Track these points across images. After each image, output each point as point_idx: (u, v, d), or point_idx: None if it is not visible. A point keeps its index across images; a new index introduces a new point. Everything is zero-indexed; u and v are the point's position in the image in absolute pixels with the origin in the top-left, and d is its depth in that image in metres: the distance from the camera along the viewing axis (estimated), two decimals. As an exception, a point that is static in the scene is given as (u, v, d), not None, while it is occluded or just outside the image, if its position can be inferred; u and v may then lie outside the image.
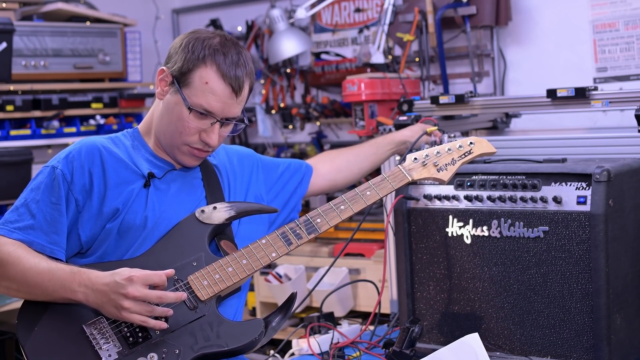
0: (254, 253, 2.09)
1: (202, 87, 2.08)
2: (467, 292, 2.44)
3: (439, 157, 2.25)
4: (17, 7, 4.38)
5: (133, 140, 2.22)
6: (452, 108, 3.04)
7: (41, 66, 4.29)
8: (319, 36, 4.53)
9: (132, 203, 2.11)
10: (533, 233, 2.31)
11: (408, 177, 2.23)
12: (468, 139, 2.29)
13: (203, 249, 2.10)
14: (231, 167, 2.34)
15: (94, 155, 2.12)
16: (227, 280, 2.06)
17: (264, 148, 4.94)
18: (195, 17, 5.29)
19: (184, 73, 2.10)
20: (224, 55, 2.09)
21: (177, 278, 2.05)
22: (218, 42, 2.11)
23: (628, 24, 3.52)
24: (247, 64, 2.14)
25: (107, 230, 2.09)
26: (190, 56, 2.09)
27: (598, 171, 2.20)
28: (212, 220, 2.13)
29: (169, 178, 2.18)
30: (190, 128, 2.11)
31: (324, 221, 2.14)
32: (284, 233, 2.12)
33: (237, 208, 2.16)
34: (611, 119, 3.42)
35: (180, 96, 2.10)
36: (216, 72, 2.08)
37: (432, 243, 2.50)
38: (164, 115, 2.15)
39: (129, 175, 2.14)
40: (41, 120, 4.32)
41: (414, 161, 2.24)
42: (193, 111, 2.09)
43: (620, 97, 2.76)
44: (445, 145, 2.27)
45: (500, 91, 3.90)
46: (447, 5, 3.80)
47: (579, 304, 2.25)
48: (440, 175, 2.24)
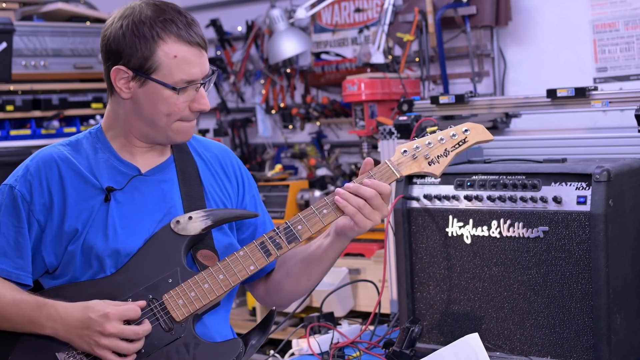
0: (231, 267, 1.97)
1: (173, 62, 1.93)
2: (467, 292, 2.44)
3: (430, 149, 2.03)
4: (17, 7, 4.38)
5: (96, 143, 2.06)
6: (452, 108, 3.04)
7: (41, 66, 4.29)
8: (319, 36, 4.53)
9: (92, 222, 1.97)
10: (533, 233, 2.31)
11: (396, 173, 2.01)
12: (462, 126, 2.06)
13: (179, 263, 1.98)
14: (218, 166, 2.18)
15: (52, 170, 1.99)
16: (203, 299, 1.94)
17: (264, 148, 4.94)
18: (195, 17, 5.28)
19: (145, 60, 1.93)
20: (172, 21, 1.94)
21: (152, 297, 1.94)
22: (153, 10, 1.95)
23: (628, 24, 3.52)
24: (189, 15, 2.00)
25: (70, 252, 1.97)
26: (141, 41, 1.92)
27: (598, 171, 2.20)
28: (188, 232, 1.99)
29: (133, 186, 2.02)
30: (180, 105, 1.96)
31: (305, 228, 1.98)
32: (263, 243, 1.98)
33: (214, 217, 2.01)
34: (611, 119, 3.42)
35: (157, 83, 1.94)
36: (177, 41, 1.93)
37: (432, 243, 2.50)
38: (142, 109, 1.98)
39: (88, 190, 1.99)
40: (41, 120, 4.32)
41: (403, 154, 2.03)
42: (180, 89, 1.94)
43: (620, 97, 2.76)
44: (438, 134, 2.05)
45: (500, 91, 3.90)
46: (447, 5, 3.80)
47: (579, 304, 2.25)
48: (432, 169, 2.02)
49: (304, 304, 2.96)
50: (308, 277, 2.13)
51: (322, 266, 2.10)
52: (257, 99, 4.94)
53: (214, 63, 5.01)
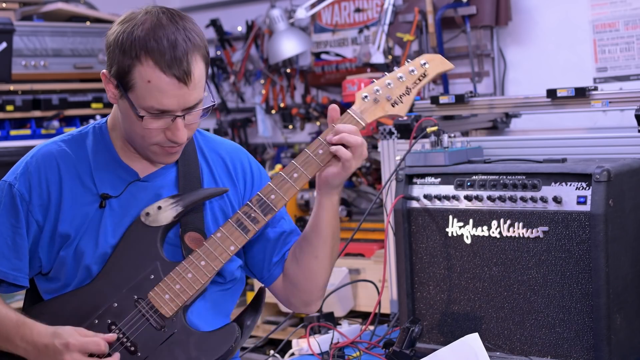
0: (211, 251, 1.91)
1: (146, 87, 1.81)
2: (467, 292, 2.44)
3: (391, 89, 1.96)
4: (17, 7, 4.38)
5: (99, 141, 2.00)
6: (452, 108, 3.03)
7: (41, 66, 4.29)
8: (319, 36, 4.54)
9: (85, 228, 1.94)
10: (533, 233, 2.31)
11: (361, 122, 1.95)
12: (419, 59, 1.98)
13: (157, 256, 1.93)
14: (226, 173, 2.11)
15: (51, 170, 1.95)
16: (189, 289, 1.90)
17: (264, 148, 4.95)
18: (195, 17, 5.24)
19: (122, 76, 1.83)
20: (156, 41, 1.79)
21: (138, 298, 1.90)
22: (148, 27, 1.81)
23: (628, 24, 3.52)
24: (189, 38, 1.83)
25: (62, 257, 1.94)
26: (122, 56, 1.82)
27: (598, 171, 2.20)
28: (160, 222, 1.92)
29: (130, 192, 1.97)
30: (151, 131, 1.87)
31: (278, 196, 1.91)
32: (239, 220, 1.91)
33: (184, 202, 1.94)
34: (611, 119, 3.43)
35: (127, 102, 1.85)
36: (154, 66, 1.79)
37: (432, 243, 2.50)
38: (124, 120, 1.93)
39: (84, 195, 1.95)
40: (41, 120, 4.32)
41: (364, 100, 1.96)
42: (146, 116, 1.84)
43: (620, 97, 2.76)
44: (396, 71, 1.98)
45: (500, 91, 3.90)
46: (447, 5, 3.81)
47: (579, 304, 2.25)
48: (397, 110, 1.96)
49: (304, 304, 2.96)
50: (315, 253, 2.04)
51: (322, 234, 2.02)
52: (257, 99, 4.94)
53: (214, 63, 5.01)
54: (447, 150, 2.54)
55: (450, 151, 2.53)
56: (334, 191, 1.99)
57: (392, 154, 2.97)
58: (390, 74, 1.98)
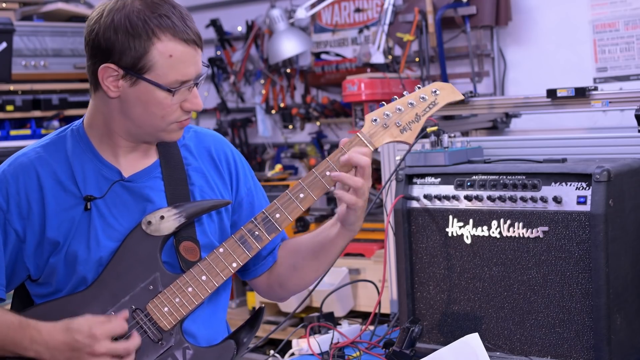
0: (212, 267, 1.90)
1: (168, 62, 1.82)
2: (467, 292, 2.44)
3: (400, 115, 1.95)
4: (17, 7, 4.38)
5: (78, 142, 1.97)
6: (452, 108, 3.03)
7: (41, 66, 4.29)
8: (319, 36, 4.54)
9: (74, 233, 1.90)
10: (533, 233, 2.31)
11: (369, 146, 1.94)
12: (430, 87, 1.97)
13: (157, 267, 1.90)
14: (211, 165, 2.09)
15: (30, 178, 1.90)
16: (189, 304, 1.89)
17: (264, 148, 4.95)
18: (195, 17, 5.26)
19: (138, 59, 1.81)
20: (165, 15, 1.81)
21: (136, 308, 1.88)
22: (148, 6, 1.82)
23: (628, 24, 3.52)
24: (183, 9, 1.88)
25: (52, 264, 1.90)
26: (135, 39, 1.80)
27: (598, 171, 2.20)
28: (161, 232, 1.90)
29: (115, 192, 1.94)
30: (173, 106, 1.86)
31: (283, 216, 1.90)
32: (242, 237, 1.91)
33: (187, 212, 1.92)
34: (611, 119, 3.43)
35: (149, 84, 1.83)
36: (173, 39, 1.81)
37: (432, 243, 2.50)
38: (131, 109, 1.88)
39: (68, 199, 1.91)
40: (41, 120, 4.33)
41: (374, 123, 1.95)
42: (174, 90, 1.84)
43: (620, 97, 2.76)
44: (406, 97, 1.97)
45: (500, 91, 3.90)
46: (447, 5, 3.81)
47: (579, 304, 2.25)
48: (405, 137, 1.95)
49: (304, 304, 2.96)
50: (316, 268, 2.08)
51: (330, 256, 2.06)
52: (257, 99, 4.94)
53: (214, 63, 5.02)
54: (447, 150, 2.54)
55: (450, 151, 2.53)
56: (353, 227, 1.99)
57: (392, 154, 2.97)
58: (400, 99, 1.97)
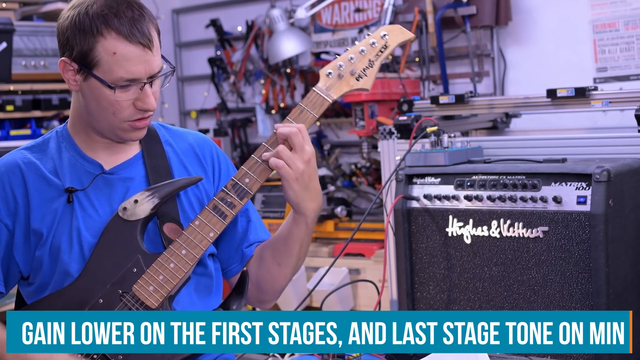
0: (190, 239, 1.93)
1: (112, 59, 1.86)
2: (467, 292, 2.44)
3: (354, 63, 1.97)
4: (17, 7, 4.38)
5: (61, 141, 2.03)
6: (452, 108, 3.04)
7: (41, 66, 4.29)
8: (319, 36, 4.54)
9: (57, 225, 1.94)
10: (533, 233, 2.31)
11: (328, 99, 1.96)
12: (379, 31, 2.00)
13: (138, 249, 1.94)
14: (193, 157, 2.13)
15: (15, 175, 1.97)
16: (172, 279, 1.91)
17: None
18: (195, 17, 5.29)
19: (85, 55, 1.87)
20: (116, 16, 1.87)
21: (122, 292, 1.91)
22: (102, 3, 1.88)
23: (628, 24, 3.52)
24: (143, 11, 1.90)
25: (38, 258, 1.94)
26: (82, 36, 1.87)
27: (598, 171, 2.20)
28: (138, 216, 1.95)
29: (97, 186, 1.99)
30: (122, 104, 1.90)
31: (252, 179, 1.93)
32: (216, 206, 1.93)
33: (160, 192, 1.96)
34: (611, 119, 3.43)
35: (95, 79, 1.89)
36: (117, 37, 1.86)
37: (432, 243, 2.50)
38: (88, 104, 1.94)
39: (50, 191, 1.96)
40: (41, 120, 4.33)
41: (329, 76, 1.97)
42: (117, 87, 1.88)
43: (620, 97, 2.76)
44: (357, 45, 1.99)
45: (500, 91, 3.90)
46: (447, 5, 3.81)
47: (579, 304, 2.25)
48: (362, 84, 1.98)
49: (304, 303, 2.96)
50: (278, 261, 2.07)
51: (290, 248, 2.04)
52: (257, 99, 4.94)
53: (214, 63, 5.02)
54: (447, 150, 2.54)
55: (450, 151, 2.53)
56: (307, 209, 1.98)
57: (392, 154, 2.97)
58: (351, 49, 1.99)
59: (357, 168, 4.35)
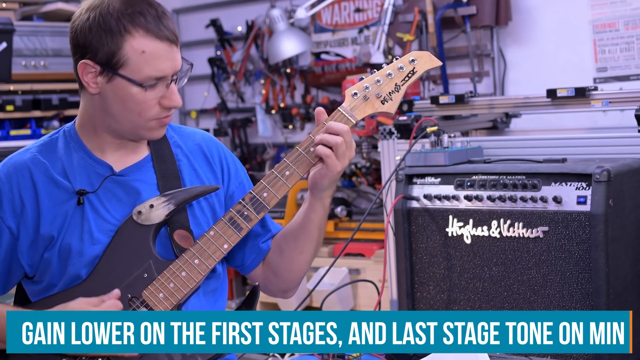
0: (204, 249, 1.92)
1: (141, 58, 1.85)
2: (467, 292, 2.44)
3: (380, 86, 1.96)
4: (17, 7, 4.38)
5: (69, 142, 2.00)
6: (452, 108, 3.03)
7: (41, 66, 4.29)
8: (319, 36, 4.54)
9: (67, 227, 1.92)
10: (533, 233, 2.31)
11: (351, 119, 1.95)
12: (408, 56, 1.98)
13: (150, 254, 1.93)
14: (200, 158, 2.12)
15: (23, 176, 1.94)
16: (183, 288, 1.91)
17: (264, 148, 4.95)
18: (195, 17, 5.29)
19: (112, 55, 1.85)
20: (141, 14, 1.85)
21: (132, 297, 1.90)
22: (123, 3, 1.86)
23: (628, 24, 3.52)
24: (160, 7, 1.90)
25: (47, 259, 1.93)
26: (108, 35, 1.84)
27: (598, 171, 2.20)
28: (152, 221, 1.93)
29: (107, 188, 1.97)
30: (149, 103, 1.88)
31: (270, 194, 1.93)
32: (232, 218, 1.93)
33: (176, 199, 1.95)
34: (611, 119, 3.43)
35: (124, 79, 1.86)
36: (145, 35, 1.84)
37: (432, 243, 2.50)
38: (111, 105, 1.91)
39: (61, 194, 1.94)
40: (41, 120, 4.33)
41: (354, 97, 1.96)
42: (147, 86, 1.87)
43: (620, 97, 2.76)
44: (385, 69, 1.98)
45: (500, 91, 3.90)
46: (447, 5, 3.81)
47: (579, 304, 2.25)
48: (386, 108, 1.97)
49: (304, 303, 2.96)
50: (300, 249, 2.07)
51: (310, 234, 2.05)
52: (257, 99, 4.94)
53: (214, 63, 5.01)
54: (447, 150, 2.54)
55: (450, 151, 2.53)
56: (325, 193, 2.00)
57: (392, 154, 2.97)
58: (379, 71, 1.98)
59: (357, 168, 4.35)
